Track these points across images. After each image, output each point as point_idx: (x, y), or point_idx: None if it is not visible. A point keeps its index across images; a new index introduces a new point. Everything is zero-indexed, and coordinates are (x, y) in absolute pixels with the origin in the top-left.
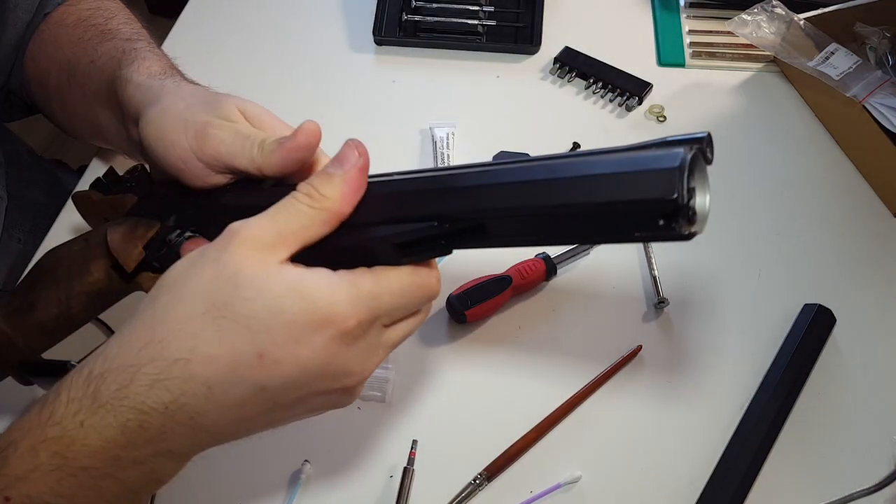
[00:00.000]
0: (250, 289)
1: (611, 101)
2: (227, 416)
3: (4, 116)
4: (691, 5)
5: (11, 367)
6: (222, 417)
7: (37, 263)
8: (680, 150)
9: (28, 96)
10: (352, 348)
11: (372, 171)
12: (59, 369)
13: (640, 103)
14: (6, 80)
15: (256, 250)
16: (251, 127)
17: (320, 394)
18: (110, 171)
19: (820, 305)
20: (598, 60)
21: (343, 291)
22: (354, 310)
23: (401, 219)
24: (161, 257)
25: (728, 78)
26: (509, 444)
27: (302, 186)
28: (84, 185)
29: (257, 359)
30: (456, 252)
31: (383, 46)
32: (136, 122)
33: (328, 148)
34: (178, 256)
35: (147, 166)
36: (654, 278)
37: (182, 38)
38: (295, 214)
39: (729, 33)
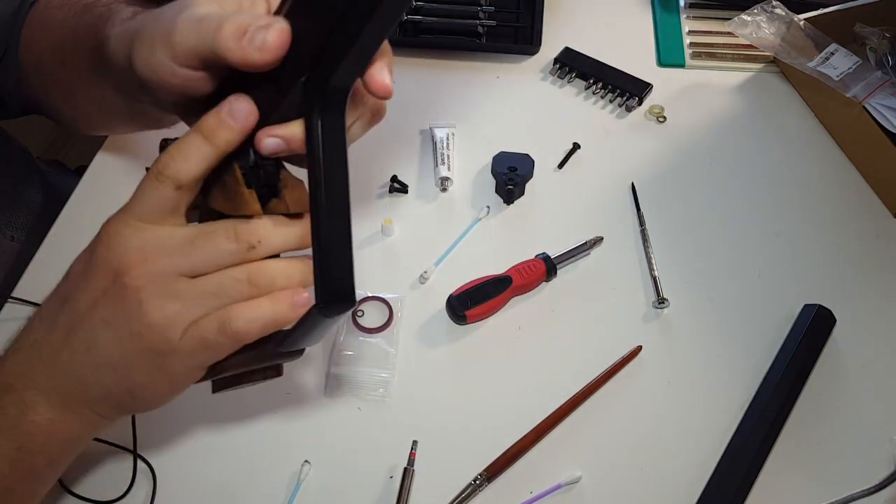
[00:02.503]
0: None
1: (611, 101)
2: (59, 340)
3: None
4: (691, 6)
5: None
6: (59, 343)
7: None
8: None
9: (28, 90)
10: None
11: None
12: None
13: (640, 104)
14: None
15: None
16: (213, 8)
17: (126, 337)
18: None
19: (820, 306)
20: (597, 61)
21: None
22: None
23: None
24: (265, 182)
25: (728, 78)
26: (509, 445)
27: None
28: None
29: (62, 303)
30: (456, 252)
31: None
32: (130, 76)
33: None
34: (277, 172)
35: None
36: (654, 278)
37: None
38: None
39: (729, 34)
